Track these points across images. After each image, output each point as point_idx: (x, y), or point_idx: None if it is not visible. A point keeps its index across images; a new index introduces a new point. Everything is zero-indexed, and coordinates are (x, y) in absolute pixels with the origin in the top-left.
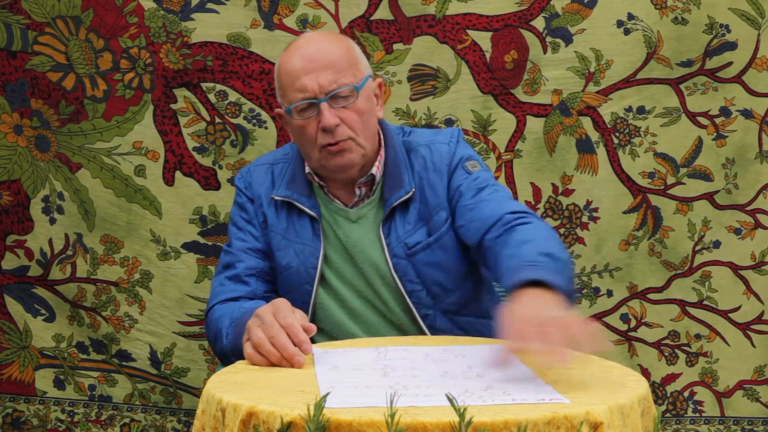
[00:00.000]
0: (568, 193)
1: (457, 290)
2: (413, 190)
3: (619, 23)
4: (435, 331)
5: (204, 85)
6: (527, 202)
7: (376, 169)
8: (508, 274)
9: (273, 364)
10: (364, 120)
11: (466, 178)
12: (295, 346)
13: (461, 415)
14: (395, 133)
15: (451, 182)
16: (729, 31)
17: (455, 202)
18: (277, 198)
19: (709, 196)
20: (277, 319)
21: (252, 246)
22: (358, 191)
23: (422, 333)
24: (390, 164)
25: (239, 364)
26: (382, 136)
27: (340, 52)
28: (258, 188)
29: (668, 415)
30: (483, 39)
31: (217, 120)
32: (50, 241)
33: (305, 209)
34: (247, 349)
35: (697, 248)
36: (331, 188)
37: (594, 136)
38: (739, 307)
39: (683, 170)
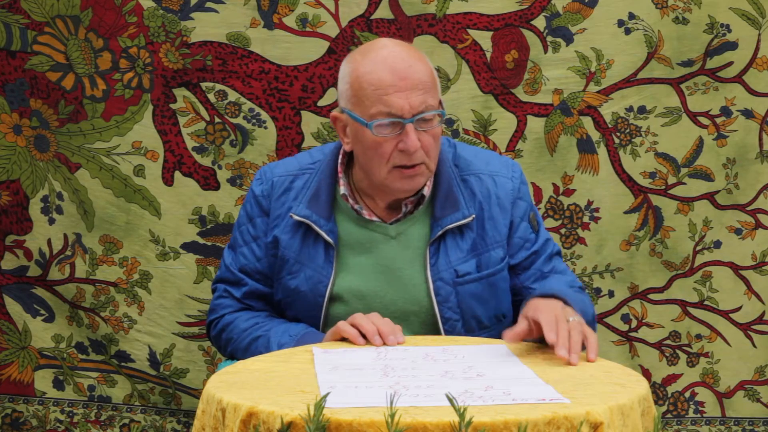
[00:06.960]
0: (569, 193)
1: (491, 329)
2: (473, 216)
3: (620, 23)
4: None
5: (203, 84)
6: None
7: (427, 189)
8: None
9: (362, 337)
10: (436, 144)
11: (533, 235)
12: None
13: (461, 415)
14: (444, 147)
15: (516, 229)
16: (729, 31)
17: (518, 253)
18: (295, 218)
19: (710, 196)
20: (368, 317)
21: (253, 267)
22: (404, 208)
23: None
24: (443, 182)
25: (239, 364)
26: None
27: (427, 71)
28: (278, 206)
29: (669, 415)
30: (483, 38)
31: (217, 120)
32: (49, 242)
33: (322, 234)
34: (341, 324)
35: (698, 248)
36: (369, 204)
37: (595, 135)
38: (740, 308)
39: (684, 170)
